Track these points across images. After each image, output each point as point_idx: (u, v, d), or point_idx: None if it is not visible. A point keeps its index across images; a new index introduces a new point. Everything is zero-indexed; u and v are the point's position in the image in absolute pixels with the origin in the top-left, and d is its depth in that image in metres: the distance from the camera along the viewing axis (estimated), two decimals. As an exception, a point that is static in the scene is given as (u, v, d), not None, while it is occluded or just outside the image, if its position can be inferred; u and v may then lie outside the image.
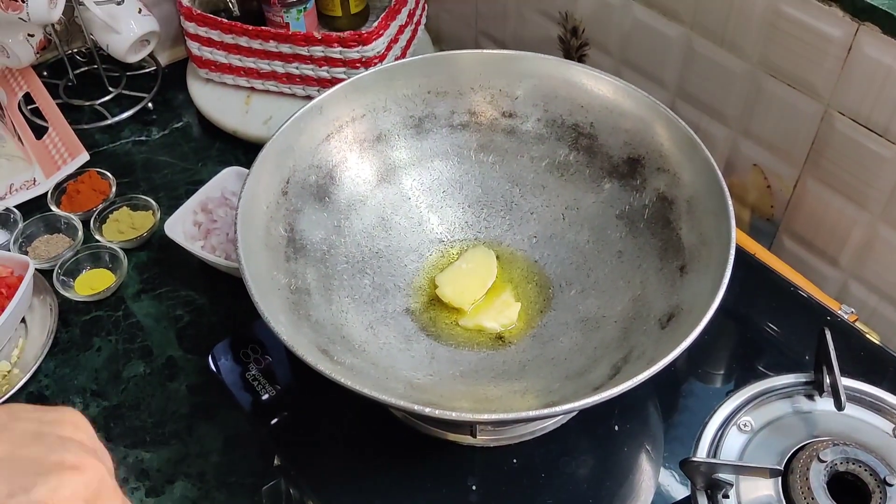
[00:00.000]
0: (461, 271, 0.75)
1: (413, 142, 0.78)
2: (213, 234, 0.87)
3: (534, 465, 0.65)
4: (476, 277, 0.75)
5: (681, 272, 0.65)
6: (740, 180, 0.87)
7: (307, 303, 0.66)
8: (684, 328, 0.57)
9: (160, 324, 0.86)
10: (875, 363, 0.70)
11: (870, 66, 0.69)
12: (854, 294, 0.82)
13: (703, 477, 0.61)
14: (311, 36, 0.98)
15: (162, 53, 1.17)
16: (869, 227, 0.77)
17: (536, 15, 1.00)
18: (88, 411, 0.79)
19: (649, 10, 0.86)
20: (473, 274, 0.75)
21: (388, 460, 0.66)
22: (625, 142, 0.73)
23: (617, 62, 0.94)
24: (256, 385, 0.71)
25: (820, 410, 0.66)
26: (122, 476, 0.74)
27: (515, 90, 0.77)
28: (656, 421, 0.69)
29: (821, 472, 0.60)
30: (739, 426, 0.65)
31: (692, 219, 0.67)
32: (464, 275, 0.75)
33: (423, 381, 0.65)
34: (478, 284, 0.74)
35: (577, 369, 0.64)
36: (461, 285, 0.74)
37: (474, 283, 0.74)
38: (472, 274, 0.75)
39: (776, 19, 0.74)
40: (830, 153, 0.76)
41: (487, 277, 0.75)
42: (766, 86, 0.78)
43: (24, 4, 0.91)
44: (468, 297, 0.73)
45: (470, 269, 0.75)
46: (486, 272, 0.75)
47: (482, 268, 0.75)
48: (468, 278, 0.75)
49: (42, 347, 0.82)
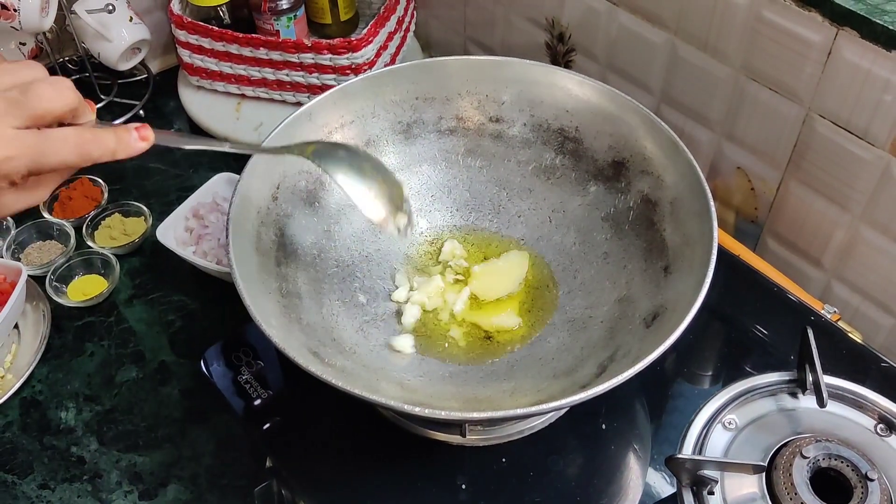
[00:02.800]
0: (497, 268, 0.77)
1: (402, 147, 0.79)
2: (204, 240, 0.88)
3: (523, 463, 0.66)
4: (507, 277, 0.76)
5: (665, 272, 0.67)
6: (725, 183, 0.88)
7: (298, 306, 0.67)
8: (668, 327, 0.58)
9: (152, 329, 0.87)
10: (857, 361, 0.71)
11: (849, 70, 0.70)
12: (837, 294, 0.83)
13: (689, 473, 0.62)
14: (301, 43, 0.99)
15: (153, 61, 1.17)
16: (851, 228, 0.78)
17: (524, 21, 1.02)
18: (82, 416, 0.79)
19: (635, 16, 0.87)
20: (506, 273, 0.76)
21: (378, 461, 0.67)
22: (609, 145, 0.74)
23: (603, 68, 0.95)
24: (248, 388, 0.72)
25: (803, 408, 0.67)
26: (116, 480, 0.75)
27: (502, 95, 0.78)
28: (643, 420, 0.70)
29: (804, 468, 0.61)
30: (724, 424, 0.66)
31: (676, 220, 0.68)
32: (497, 271, 0.76)
33: (413, 382, 0.66)
34: (506, 284, 0.76)
35: (564, 368, 0.65)
36: (491, 280, 0.76)
37: (503, 282, 0.76)
38: (504, 273, 0.76)
39: (758, 25, 0.75)
40: (812, 156, 0.78)
41: (516, 280, 0.76)
42: (749, 90, 0.80)
43: (16, 13, 0.92)
44: (492, 293, 0.75)
45: (504, 268, 0.77)
46: (517, 274, 0.76)
47: (516, 268, 0.77)
48: (500, 276, 0.76)
49: (35, 353, 0.83)
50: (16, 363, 0.83)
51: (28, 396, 0.81)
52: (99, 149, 0.51)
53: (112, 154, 0.52)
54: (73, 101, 0.51)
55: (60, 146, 0.50)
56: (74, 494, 0.74)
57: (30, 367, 0.82)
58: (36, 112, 0.49)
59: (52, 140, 0.49)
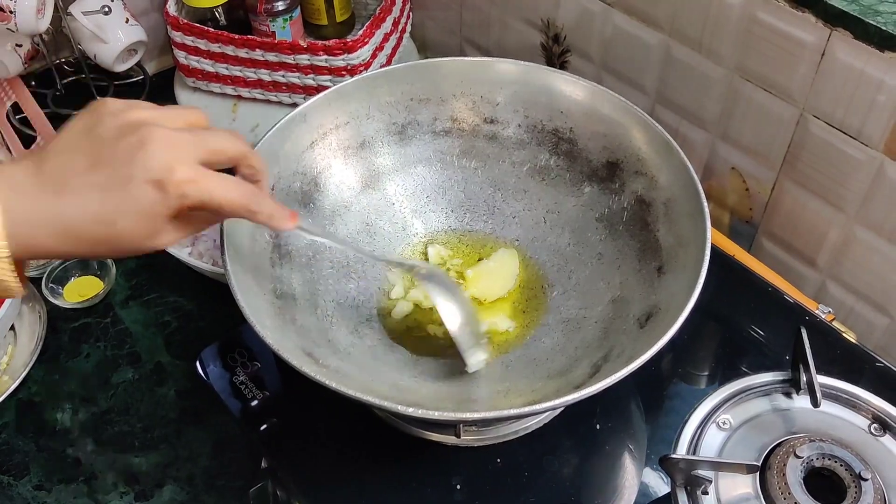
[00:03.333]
0: (489, 269, 0.77)
1: (396, 148, 0.79)
2: (200, 241, 0.88)
3: (517, 464, 0.66)
4: (501, 277, 0.76)
5: (658, 273, 0.67)
6: (719, 184, 0.88)
7: (293, 307, 0.67)
8: (662, 327, 0.59)
9: (148, 330, 0.87)
10: (852, 361, 0.71)
11: (842, 70, 0.71)
12: (831, 294, 0.83)
13: (683, 473, 0.62)
14: (297, 44, 0.99)
15: (149, 62, 1.17)
16: (845, 228, 0.78)
17: (519, 23, 1.02)
18: (78, 417, 0.79)
19: (629, 17, 0.87)
20: (499, 273, 0.77)
21: (373, 461, 0.67)
22: (603, 146, 0.74)
23: (598, 68, 0.95)
24: (244, 389, 0.72)
25: (797, 408, 0.67)
26: (112, 481, 0.75)
27: (496, 96, 0.78)
28: (638, 420, 0.70)
29: (797, 467, 0.61)
30: (718, 424, 0.66)
31: (669, 221, 0.68)
32: (490, 272, 0.77)
33: (407, 383, 0.66)
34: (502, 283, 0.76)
35: (558, 369, 0.65)
36: (487, 282, 0.76)
37: (499, 281, 0.76)
38: (497, 273, 0.77)
39: (752, 26, 0.76)
40: (806, 156, 0.78)
41: (511, 277, 0.76)
42: (743, 91, 0.80)
43: (13, 15, 0.92)
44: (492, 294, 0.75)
45: (496, 268, 0.77)
46: (510, 271, 0.77)
47: (508, 266, 0.77)
48: (494, 276, 0.76)
49: (31, 354, 0.83)
50: (12, 364, 0.83)
51: (24, 398, 0.81)
52: (259, 206, 0.54)
53: (267, 218, 0.55)
54: (244, 149, 0.54)
55: (232, 188, 0.52)
56: (70, 495, 0.74)
57: (26, 368, 0.82)
58: (213, 149, 0.51)
59: (226, 180, 0.52)
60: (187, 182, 0.49)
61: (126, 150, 0.48)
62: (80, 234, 0.49)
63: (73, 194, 0.48)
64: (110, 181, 0.48)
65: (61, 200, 0.48)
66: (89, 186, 0.48)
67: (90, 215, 0.48)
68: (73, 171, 0.48)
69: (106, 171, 0.48)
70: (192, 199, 0.50)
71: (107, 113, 0.50)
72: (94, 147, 0.49)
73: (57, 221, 0.48)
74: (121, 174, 0.48)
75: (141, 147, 0.48)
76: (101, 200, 0.48)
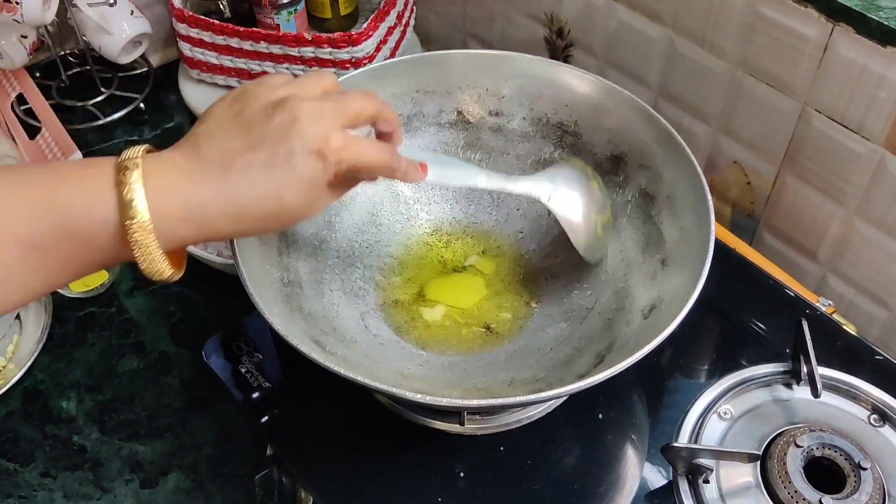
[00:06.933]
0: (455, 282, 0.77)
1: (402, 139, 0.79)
2: (205, 232, 0.88)
3: (520, 452, 0.67)
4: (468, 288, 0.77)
5: (662, 265, 0.67)
6: (721, 177, 0.89)
7: (299, 295, 0.67)
8: (665, 319, 0.59)
9: (153, 319, 0.88)
10: (851, 353, 0.72)
11: (844, 65, 0.71)
12: (832, 287, 0.84)
13: (684, 462, 0.63)
14: (302, 37, 1.00)
15: (154, 54, 1.18)
16: (846, 221, 0.79)
17: (523, 17, 1.02)
18: (83, 405, 0.80)
19: (633, 11, 0.88)
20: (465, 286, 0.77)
21: (378, 449, 0.68)
22: (608, 140, 0.75)
23: (602, 62, 0.95)
24: (249, 378, 0.72)
25: (797, 398, 0.68)
26: (117, 468, 0.75)
27: (502, 89, 0.79)
28: (640, 410, 0.70)
29: (798, 457, 0.62)
30: (720, 414, 0.67)
31: (673, 214, 0.69)
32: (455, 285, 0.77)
33: (413, 371, 0.67)
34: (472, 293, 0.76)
35: (562, 359, 0.66)
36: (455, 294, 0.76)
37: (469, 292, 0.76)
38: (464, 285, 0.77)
39: (754, 20, 0.76)
40: (808, 150, 0.78)
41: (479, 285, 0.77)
42: (746, 85, 0.80)
43: (18, 6, 0.92)
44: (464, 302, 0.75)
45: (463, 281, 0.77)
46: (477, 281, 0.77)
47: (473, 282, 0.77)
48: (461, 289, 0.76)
49: (36, 343, 0.83)
50: (17, 353, 0.84)
51: (30, 386, 0.82)
52: (398, 162, 0.57)
53: (403, 173, 0.58)
54: (380, 106, 0.57)
55: (376, 149, 0.56)
56: (76, 483, 0.75)
57: (31, 357, 0.82)
58: (354, 112, 0.54)
59: (369, 142, 0.56)
60: (341, 148, 0.52)
61: (280, 128, 0.51)
62: (250, 211, 0.51)
63: (240, 175, 0.50)
64: (273, 157, 0.50)
65: (230, 182, 0.50)
66: (254, 165, 0.50)
67: (260, 191, 0.51)
68: (234, 154, 0.51)
69: (266, 148, 0.50)
70: (346, 164, 0.53)
71: (250, 96, 0.53)
72: (247, 129, 0.51)
73: (230, 202, 0.50)
74: (281, 150, 0.50)
75: (293, 123, 0.51)
76: (268, 177, 0.50)
